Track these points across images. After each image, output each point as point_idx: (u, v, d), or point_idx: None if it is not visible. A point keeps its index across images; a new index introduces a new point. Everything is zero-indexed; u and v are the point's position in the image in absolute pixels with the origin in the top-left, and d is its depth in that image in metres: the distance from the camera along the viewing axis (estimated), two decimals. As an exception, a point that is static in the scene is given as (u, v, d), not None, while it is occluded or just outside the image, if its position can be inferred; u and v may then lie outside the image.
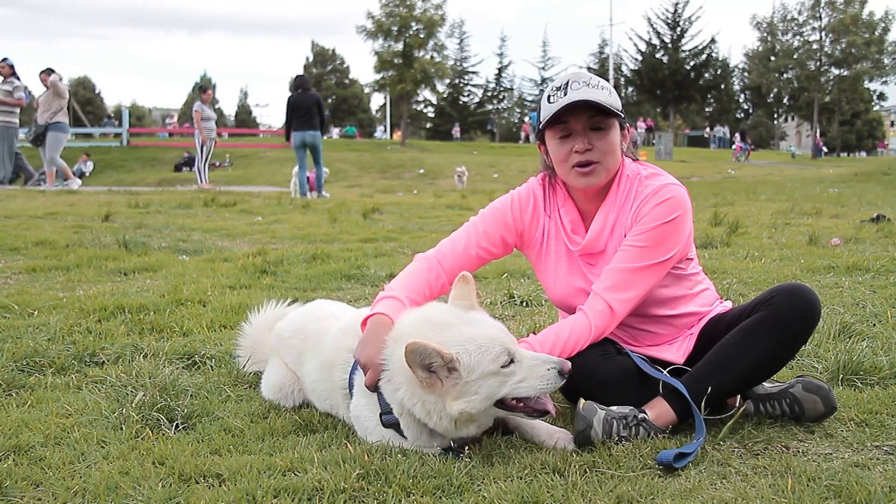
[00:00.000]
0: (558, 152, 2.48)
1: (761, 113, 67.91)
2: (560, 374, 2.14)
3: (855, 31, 42.50)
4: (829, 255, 5.69)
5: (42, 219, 8.62)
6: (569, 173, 2.48)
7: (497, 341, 2.14)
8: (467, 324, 2.19)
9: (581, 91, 2.38)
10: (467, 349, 2.12)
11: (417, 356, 2.07)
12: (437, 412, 2.14)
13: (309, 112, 13.74)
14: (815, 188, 15.75)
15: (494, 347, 2.13)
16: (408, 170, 26.54)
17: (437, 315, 2.24)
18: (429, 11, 38.80)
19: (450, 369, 2.11)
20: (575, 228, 2.58)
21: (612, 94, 2.44)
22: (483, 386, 2.11)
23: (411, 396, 2.15)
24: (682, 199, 2.45)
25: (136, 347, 3.29)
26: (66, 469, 2.08)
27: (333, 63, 75.54)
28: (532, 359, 2.17)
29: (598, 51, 64.86)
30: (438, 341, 2.10)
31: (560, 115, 2.40)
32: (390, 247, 6.81)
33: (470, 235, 2.64)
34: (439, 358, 2.08)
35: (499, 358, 2.12)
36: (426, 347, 2.06)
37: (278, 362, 2.77)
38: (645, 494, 1.91)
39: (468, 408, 2.11)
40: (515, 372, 2.13)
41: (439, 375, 2.11)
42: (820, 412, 2.38)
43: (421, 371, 2.10)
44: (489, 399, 2.13)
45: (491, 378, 2.11)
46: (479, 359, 2.11)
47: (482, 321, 2.23)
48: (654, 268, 2.43)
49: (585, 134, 2.43)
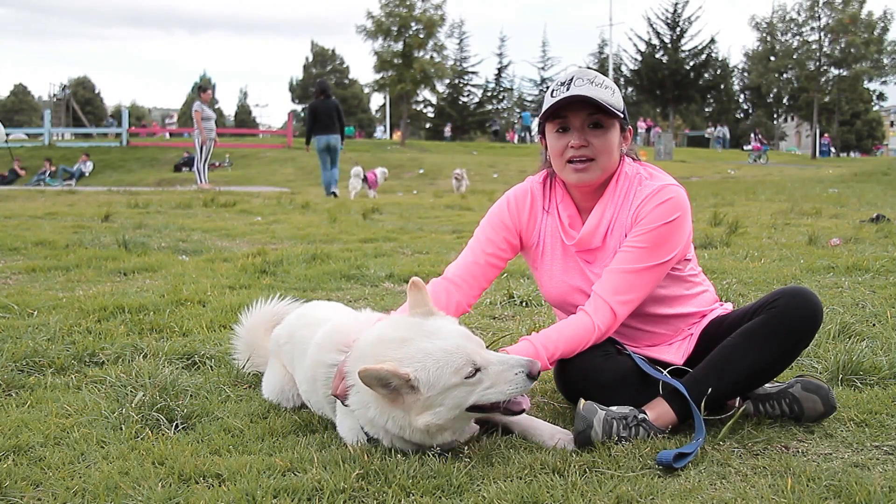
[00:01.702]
0: (555, 146, 2.49)
1: (761, 113, 67.84)
2: (529, 377, 2.11)
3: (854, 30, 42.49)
4: (828, 256, 5.69)
5: (42, 219, 8.62)
6: (563, 168, 2.49)
7: (459, 353, 2.09)
8: (427, 336, 2.13)
9: (584, 88, 2.39)
10: (425, 365, 2.07)
11: (373, 380, 2.05)
12: (407, 426, 2.12)
13: (330, 117, 14.50)
14: (814, 188, 15.74)
15: (456, 360, 2.08)
16: (407, 170, 26.52)
17: (394, 332, 2.19)
18: (429, 11, 38.79)
19: (411, 386, 2.08)
20: (572, 224, 2.58)
21: (615, 94, 2.44)
22: (448, 398, 2.09)
23: (381, 414, 2.13)
24: (681, 199, 2.46)
25: (135, 347, 3.29)
26: (65, 469, 2.08)
27: (333, 63, 75.54)
28: (499, 363, 2.12)
29: (597, 51, 64.83)
30: (397, 358, 2.08)
31: (559, 109, 2.41)
32: (390, 247, 6.81)
33: (474, 248, 2.64)
34: (396, 378, 2.06)
35: (461, 370, 2.08)
36: (379, 372, 2.03)
37: (278, 364, 2.76)
38: (645, 494, 1.91)
39: (434, 420, 2.09)
40: (482, 380, 2.10)
41: (401, 392, 2.09)
42: (819, 412, 2.39)
43: (381, 389, 2.08)
44: (456, 409, 2.11)
45: (455, 390, 2.08)
46: (438, 374, 2.07)
47: (443, 331, 2.16)
48: (655, 269, 2.43)
49: (583, 130, 2.44)
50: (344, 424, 2.31)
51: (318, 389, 2.43)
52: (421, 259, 6.00)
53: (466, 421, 2.23)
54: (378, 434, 2.19)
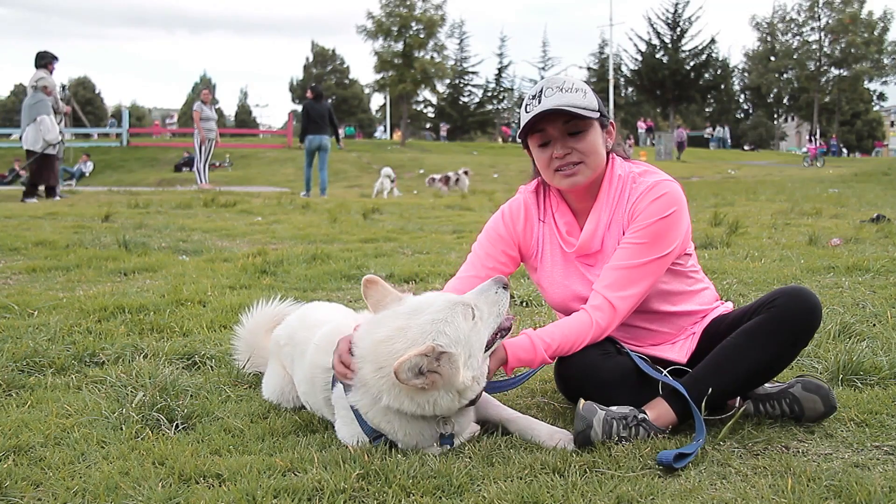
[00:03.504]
0: (540, 159, 2.51)
1: (761, 113, 67.88)
2: (504, 287, 2.28)
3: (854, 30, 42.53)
4: (829, 256, 5.69)
5: (42, 219, 8.62)
6: (553, 177, 2.50)
7: (454, 305, 2.18)
8: (416, 313, 2.17)
9: (554, 97, 2.39)
10: (440, 330, 2.12)
11: (407, 372, 2.05)
12: (429, 403, 2.13)
13: (322, 118, 15.41)
14: (815, 188, 15.74)
15: (457, 311, 2.16)
16: (408, 170, 26.52)
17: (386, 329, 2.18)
18: (429, 11, 38.82)
19: (437, 359, 2.09)
20: (570, 231, 2.59)
21: (587, 95, 2.44)
22: (472, 345, 2.16)
23: (397, 399, 2.13)
24: (677, 193, 2.47)
25: (136, 347, 3.29)
26: (66, 469, 2.08)
27: (333, 63, 75.50)
28: (479, 293, 2.27)
29: (598, 51, 64.76)
30: (410, 344, 2.10)
31: (535, 123, 2.42)
32: (390, 247, 6.81)
33: (474, 262, 2.64)
34: (424, 359, 2.06)
35: (466, 315, 2.17)
36: (409, 361, 2.04)
37: (278, 365, 2.76)
38: (645, 495, 1.91)
39: (472, 373, 2.15)
40: (481, 313, 2.21)
41: (435, 371, 2.09)
42: (820, 412, 2.39)
43: (416, 380, 2.08)
44: (482, 349, 2.20)
45: (472, 335, 2.16)
46: (455, 330, 2.13)
47: (424, 301, 2.22)
48: (654, 263, 2.43)
49: (564, 139, 2.44)
50: (343, 431, 2.30)
51: (316, 392, 2.43)
52: (421, 259, 6.00)
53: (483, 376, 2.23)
54: (386, 427, 2.19)
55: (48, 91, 12.90)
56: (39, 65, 13.05)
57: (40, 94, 12.80)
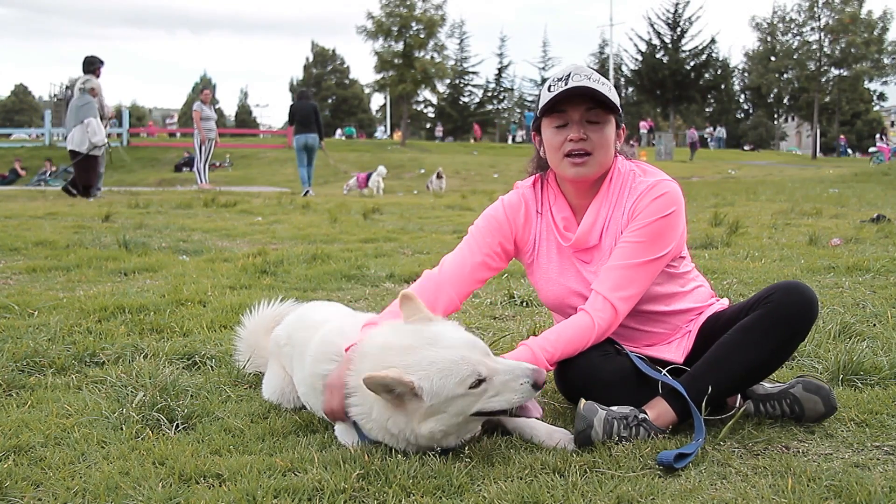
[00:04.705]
0: (553, 140, 2.49)
1: (761, 113, 67.88)
2: (534, 386, 2.09)
3: (854, 30, 42.52)
4: (829, 256, 5.69)
5: (42, 219, 8.62)
6: (561, 162, 2.49)
7: (463, 364, 2.06)
8: (431, 344, 2.10)
9: (582, 82, 2.40)
10: (429, 374, 2.05)
11: (378, 386, 2.04)
12: (408, 430, 2.11)
13: (308, 118, 15.86)
14: (815, 188, 15.74)
15: (461, 371, 2.05)
16: (408, 170, 26.54)
17: (398, 339, 2.16)
18: (429, 11, 38.83)
19: (415, 394, 2.07)
20: (567, 226, 2.58)
21: (611, 90, 2.46)
22: (451, 406, 2.07)
23: (382, 415, 2.12)
24: (676, 194, 2.48)
25: (136, 348, 3.29)
26: (66, 469, 2.08)
27: (333, 63, 75.55)
28: (505, 373, 2.09)
29: (598, 51, 64.95)
30: (403, 365, 2.06)
31: (558, 102, 2.42)
32: (390, 247, 6.81)
33: (470, 244, 2.63)
34: (400, 385, 2.04)
35: (465, 381, 2.05)
36: (384, 378, 2.02)
37: (278, 366, 2.76)
38: (645, 495, 1.91)
39: (437, 427, 2.08)
40: (487, 389, 2.07)
41: (404, 398, 2.08)
42: (820, 412, 2.38)
43: (385, 394, 2.07)
44: (459, 416, 2.09)
45: (459, 399, 2.07)
46: (442, 384, 2.05)
47: (447, 338, 2.13)
48: (653, 263, 2.43)
49: (582, 124, 2.44)
50: (344, 438, 2.30)
51: (316, 395, 2.43)
52: (421, 259, 6.00)
53: (475, 424, 2.22)
54: (382, 437, 2.18)
55: (94, 93, 12.98)
56: (88, 70, 13.22)
57: (87, 97, 12.91)
